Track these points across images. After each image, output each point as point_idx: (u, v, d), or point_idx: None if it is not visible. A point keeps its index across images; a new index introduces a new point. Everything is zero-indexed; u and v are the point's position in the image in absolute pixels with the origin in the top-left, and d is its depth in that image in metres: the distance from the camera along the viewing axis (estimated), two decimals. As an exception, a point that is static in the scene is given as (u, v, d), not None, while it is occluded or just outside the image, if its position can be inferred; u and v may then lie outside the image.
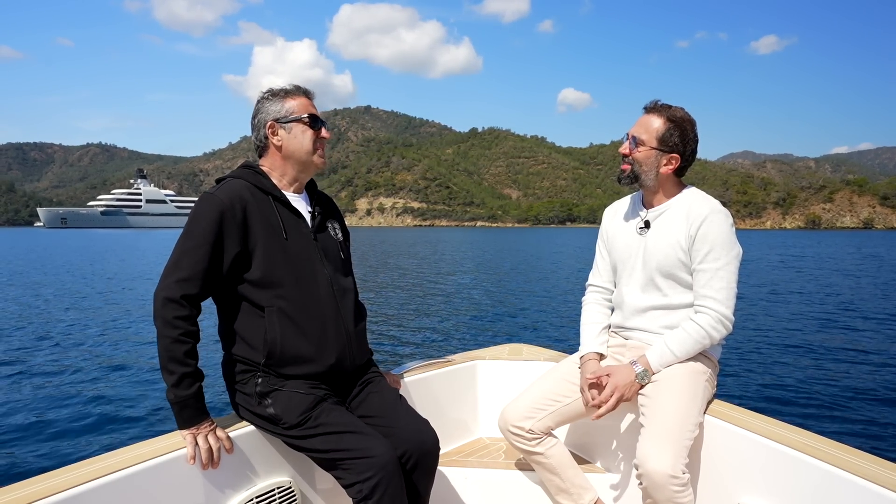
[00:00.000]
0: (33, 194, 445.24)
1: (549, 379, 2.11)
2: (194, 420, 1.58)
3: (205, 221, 1.63)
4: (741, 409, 1.84)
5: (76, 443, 5.12)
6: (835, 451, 1.51)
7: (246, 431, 1.74)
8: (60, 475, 1.39)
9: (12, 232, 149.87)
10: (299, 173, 1.85)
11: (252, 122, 1.83)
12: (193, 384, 1.58)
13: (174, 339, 1.56)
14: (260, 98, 1.84)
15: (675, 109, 1.94)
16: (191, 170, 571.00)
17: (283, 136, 1.79)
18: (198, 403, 1.59)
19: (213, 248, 1.63)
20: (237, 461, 1.70)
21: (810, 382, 6.96)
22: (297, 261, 1.74)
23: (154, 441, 1.60)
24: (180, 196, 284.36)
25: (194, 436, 1.57)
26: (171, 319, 1.57)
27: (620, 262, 2.10)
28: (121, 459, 1.48)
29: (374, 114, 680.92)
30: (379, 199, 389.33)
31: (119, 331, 10.37)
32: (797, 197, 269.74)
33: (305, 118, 1.80)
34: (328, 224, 1.92)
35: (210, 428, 1.61)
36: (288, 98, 1.81)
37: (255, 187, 1.75)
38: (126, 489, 1.43)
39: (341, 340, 1.79)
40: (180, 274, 1.60)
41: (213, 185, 1.76)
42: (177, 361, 1.56)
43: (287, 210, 1.79)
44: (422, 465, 1.73)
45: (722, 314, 1.84)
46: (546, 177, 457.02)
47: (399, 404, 1.88)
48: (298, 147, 1.80)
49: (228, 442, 1.64)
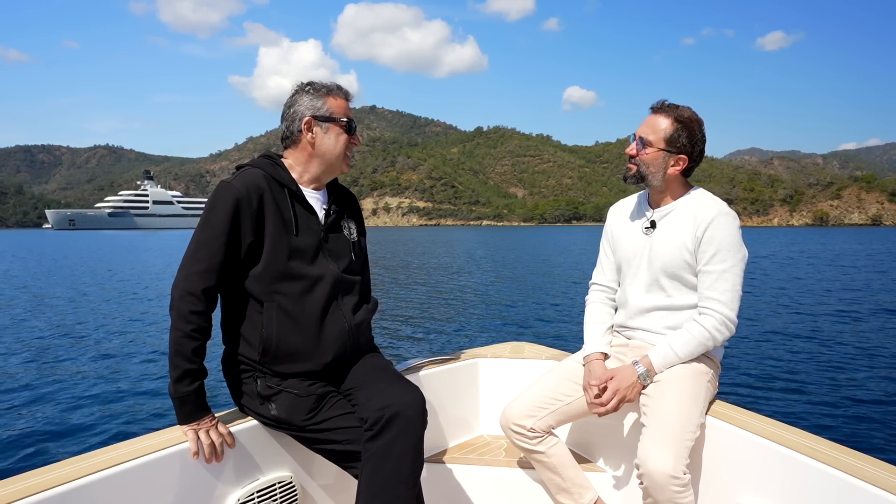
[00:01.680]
0: (41, 196, 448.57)
1: (550, 378, 2.11)
2: (194, 416, 1.58)
3: (222, 211, 1.62)
4: (743, 410, 1.84)
5: (83, 435, 5.12)
6: (837, 454, 1.51)
7: (247, 426, 1.74)
8: (63, 467, 1.40)
9: (21, 234, 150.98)
10: (322, 173, 1.82)
11: (285, 112, 1.78)
12: (194, 382, 1.58)
13: (186, 333, 1.56)
14: (299, 89, 1.79)
15: (682, 109, 1.92)
16: (197, 171, 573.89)
17: (317, 133, 1.75)
18: (198, 400, 1.59)
19: (229, 237, 1.62)
20: (238, 456, 1.70)
21: (812, 384, 6.95)
22: (302, 257, 1.72)
23: (157, 434, 1.61)
24: (187, 197, 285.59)
25: (195, 431, 1.57)
26: (186, 313, 1.57)
27: (625, 262, 2.10)
28: (124, 452, 1.49)
29: (380, 114, 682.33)
30: (384, 199, 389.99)
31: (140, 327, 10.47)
32: (805, 194, 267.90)
33: (343, 121, 1.77)
34: (343, 223, 1.89)
35: (212, 423, 1.61)
36: (329, 97, 1.77)
37: (272, 178, 1.73)
38: (128, 482, 1.44)
39: (342, 339, 1.77)
40: (199, 266, 1.60)
41: (233, 172, 1.75)
42: (183, 357, 1.56)
43: (301, 205, 1.76)
44: (407, 426, 1.64)
45: (726, 316, 1.84)
46: (552, 175, 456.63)
47: (386, 370, 1.85)
48: (330, 149, 1.77)
49: (230, 437, 1.64)
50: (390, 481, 1.59)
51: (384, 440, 1.60)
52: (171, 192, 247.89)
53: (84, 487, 1.36)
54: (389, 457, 1.60)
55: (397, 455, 1.60)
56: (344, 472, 1.81)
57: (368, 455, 1.61)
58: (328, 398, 1.73)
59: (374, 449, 1.60)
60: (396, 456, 1.60)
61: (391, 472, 1.59)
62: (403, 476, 1.61)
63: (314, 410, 1.69)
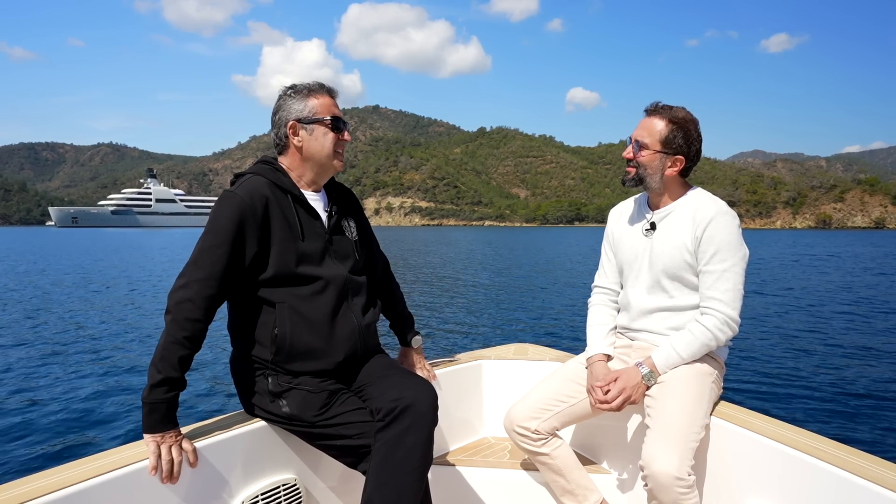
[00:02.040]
0: (45, 193, 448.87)
1: (554, 379, 2.11)
2: (160, 426, 1.51)
3: (225, 220, 1.61)
4: (747, 411, 1.84)
5: (90, 437, 5.15)
6: (843, 455, 1.50)
7: (250, 429, 1.73)
8: (69, 469, 1.41)
9: (24, 231, 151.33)
10: (317, 175, 1.82)
11: (273, 119, 1.79)
12: (171, 391, 1.53)
13: (177, 339, 1.53)
14: (282, 94, 1.78)
15: (676, 110, 1.92)
16: (200, 169, 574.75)
17: (303, 136, 1.75)
18: (168, 412, 1.53)
19: (232, 247, 1.61)
20: (242, 459, 1.70)
21: (818, 384, 6.92)
22: (310, 262, 1.73)
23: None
24: (190, 195, 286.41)
25: (158, 444, 1.50)
26: (181, 319, 1.54)
27: (626, 264, 2.10)
28: (130, 454, 1.49)
29: (383, 113, 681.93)
30: (387, 199, 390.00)
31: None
32: (808, 196, 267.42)
33: (328, 120, 1.75)
34: (343, 223, 1.90)
35: (176, 439, 1.54)
36: (311, 97, 1.75)
37: (275, 185, 1.72)
38: (133, 484, 1.44)
39: (353, 339, 1.78)
40: (199, 273, 1.58)
41: (231, 181, 1.76)
42: (167, 363, 1.52)
43: (304, 210, 1.77)
44: (419, 419, 1.64)
45: (728, 316, 1.84)
46: (554, 176, 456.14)
47: (397, 367, 1.87)
48: (319, 150, 1.76)
49: (194, 455, 1.57)
50: (399, 471, 1.59)
51: (395, 430, 1.61)
52: (173, 191, 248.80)
53: (90, 490, 1.36)
54: (400, 447, 1.60)
55: (408, 446, 1.60)
56: (348, 474, 1.82)
57: (379, 445, 1.61)
58: (339, 394, 1.73)
59: (385, 438, 1.60)
60: (407, 447, 1.60)
61: (401, 462, 1.59)
62: (412, 467, 1.60)
63: (326, 406, 1.69)
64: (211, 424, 1.73)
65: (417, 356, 2.20)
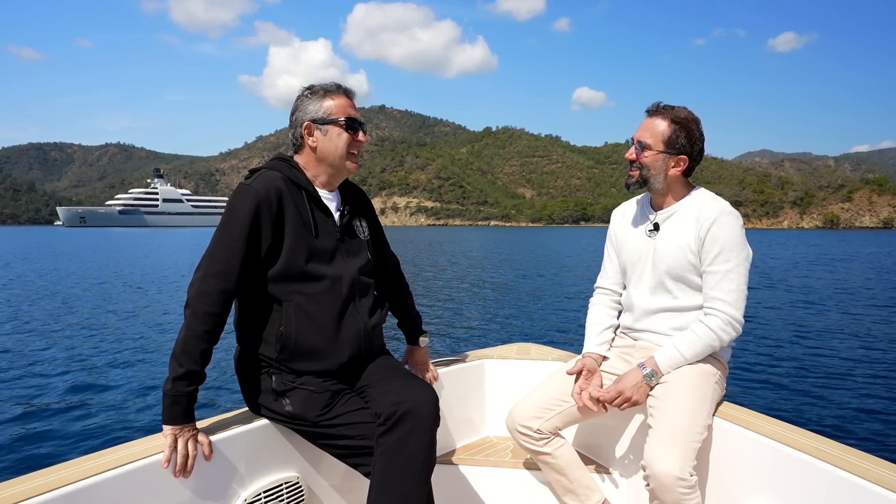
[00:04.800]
0: (53, 193, 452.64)
1: (557, 379, 2.11)
2: (181, 419, 1.55)
3: (241, 213, 1.62)
4: (750, 412, 1.84)
5: (91, 434, 5.20)
6: (846, 455, 1.49)
7: (254, 427, 1.74)
8: (71, 467, 1.41)
9: (33, 230, 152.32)
10: (331, 177, 1.83)
11: (290, 119, 1.81)
12: (192, 384, 1.56)
13: (197, 333, 1.55)
14: (300, 95, 1.80)
15: (678, 110, 1.92)
16: (207, 169, 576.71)
17: (318, 137, 1.76)
18: (189, 404, 1.56)
19: (248, 240, 1.62)
20: (246, 456, 1.71)
21: (821, 385, 6.92)
22: (320, 259, 1.74)
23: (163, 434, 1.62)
24: (196, 195, 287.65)
25: (175, 436, 1.53)
26: (200, 313, 1.56)
27: (630, 265, 2.10)
28: (132, 452, 1.51)
29: (389, 113, 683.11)
30: (393, 199, 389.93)
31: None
32: (815, 196, 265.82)
33: (342, 121, 1.76)
34: (355, 223, 1.91)
35: (192, 433, 1.57)
36: (327, 97, 1.77)
37: (290, 181, 1.74)
38: (135, 482, 1.45)
39: (358, 340, 1.79)
40: (217, 266, 1.59)
41: (245, 175, 1.76)
42: (189, 356, 1.54)
43: (318, 207, 1.78)
44: (420, 423, 1.64)
45: (731, 316, 1.84)
46: (560, 176, 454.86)
47: (399, 369, 1.87)
48: (332, 150, 1.77)
49: (209, 448, 1.60)
50: (403, 475, 1.58)
51: (397, 435, 1.61)
52: (180, 191, 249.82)
53: (91, 487, 1.36)
54: (402, 451, 1.60)
55: (410, 450, 1.60)
56: (350, 473, 1.81)
57: (381, 449, 1.61)
58: (342, 395, 1.74)
59: (387, 443, 1.60)
60: (409, 451, 1.60)
61: (404, 466, 1.59)
62: (416, 471, 1.60)
63: (328, 406, 1.70)
64: (215, 422, 1.73)
65: (423, 356, 2.22)
